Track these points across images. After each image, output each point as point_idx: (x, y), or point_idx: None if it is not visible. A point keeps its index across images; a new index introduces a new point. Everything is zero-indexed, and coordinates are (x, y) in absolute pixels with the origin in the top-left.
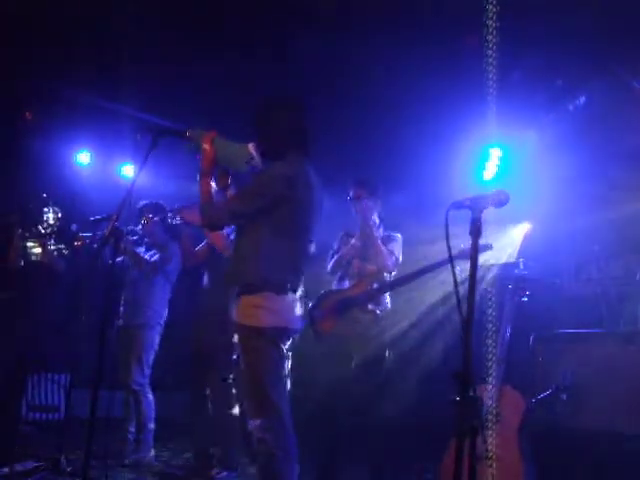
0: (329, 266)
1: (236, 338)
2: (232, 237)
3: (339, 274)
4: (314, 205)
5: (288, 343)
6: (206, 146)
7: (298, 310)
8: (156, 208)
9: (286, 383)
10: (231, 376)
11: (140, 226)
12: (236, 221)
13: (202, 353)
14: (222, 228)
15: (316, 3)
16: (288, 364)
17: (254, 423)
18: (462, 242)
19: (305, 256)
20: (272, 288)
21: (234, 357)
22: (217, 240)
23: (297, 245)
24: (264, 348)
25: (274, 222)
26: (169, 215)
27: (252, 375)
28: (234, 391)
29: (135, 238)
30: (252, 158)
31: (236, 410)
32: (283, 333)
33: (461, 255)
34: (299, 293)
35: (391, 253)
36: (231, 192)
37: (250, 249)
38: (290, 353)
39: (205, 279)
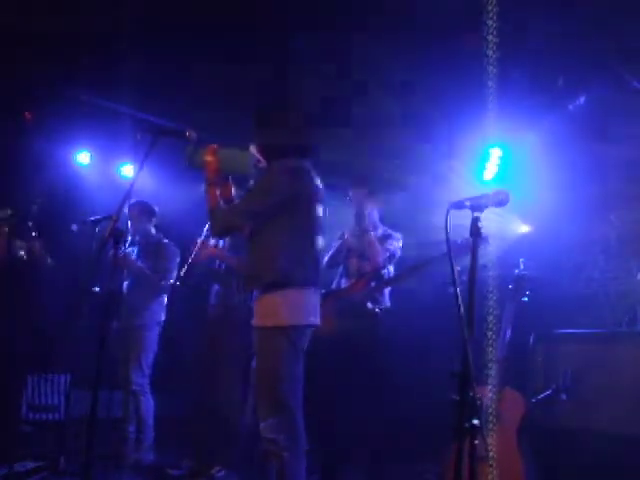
0: (324, 260)
1: (255, 339)
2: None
3: (339, 273)
4: (320, 202)
5: (305, 340)
6: (209, 158)
7: (317, 305)
8: (144, 207)
9: (301, 382)
10: None
11: (130, 227)
12: (249, 221)
13: (212, 353)
14: (235, 231)
15: (316, 3)
16: None
17: (266, 423)
18: (458, 237)
19: (320, 251)
20: (296, 283)
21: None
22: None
23: (313, 240)
24: (283, 348)
25: (289, 219)
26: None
27: (268, 375)
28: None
29: (129, 239)
30: (258, 161)
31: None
32: (303, 331)
33: (457, 248)
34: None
35: (385, 250)
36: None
37: (269, 249)
38: None
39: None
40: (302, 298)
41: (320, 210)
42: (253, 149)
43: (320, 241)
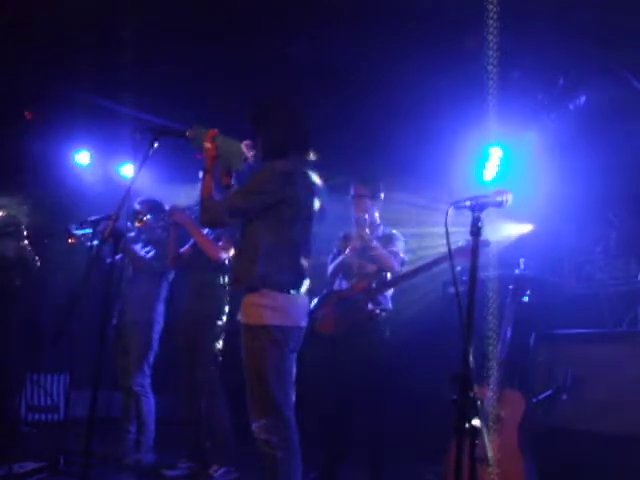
0: (329, 269)
1: (242, 338)
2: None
3: (340, 274)
4: (313, 204)
5: (293, 342)
6: (208, 144)
7: (303, 308)
8: (153, 204)
9: (291, 382)
10: None
11: (136, 223)
12: (235, 219)
13: (188, 353)
14: (222, 226)
15: (317, 3)
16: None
17: (257, 423)
18: (459, 240)
19: (306, 255)
20: (273, 286)
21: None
22: (206, 245)
23: (297, 244)
24: (268, 347)
25: (273, 221)
26: (161, 216)
27: (256, 375)
28: None
29: (132, 235)
30: (247, 157)
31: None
32: (287, 332)
33: (458, 252)
34: (304, 288)
35: (395, 254)
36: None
37: (251, 250)
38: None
39: (187, 281)
40: (283, 300)
41: (312, 214)
42: (244, 146)
43: (309, 248)
